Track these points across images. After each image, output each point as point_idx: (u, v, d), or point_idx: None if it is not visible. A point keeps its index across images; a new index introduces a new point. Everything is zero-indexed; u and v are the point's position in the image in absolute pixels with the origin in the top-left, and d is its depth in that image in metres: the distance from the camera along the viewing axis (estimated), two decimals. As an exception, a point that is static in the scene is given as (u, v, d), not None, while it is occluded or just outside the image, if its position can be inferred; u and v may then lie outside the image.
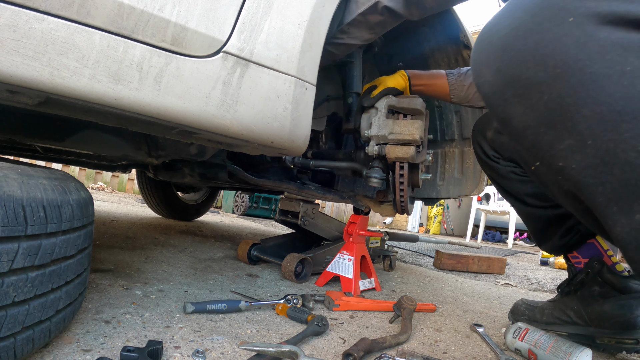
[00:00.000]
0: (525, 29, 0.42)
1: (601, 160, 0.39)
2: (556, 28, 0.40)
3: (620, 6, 0.39)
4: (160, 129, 0.86)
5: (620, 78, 0.38)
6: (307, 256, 1.48)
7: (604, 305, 1.00)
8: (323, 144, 1.67)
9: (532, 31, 0.42)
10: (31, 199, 0.53)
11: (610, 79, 0.38)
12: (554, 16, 0.41)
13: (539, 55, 0.41)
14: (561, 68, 0.40)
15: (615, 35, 0.39)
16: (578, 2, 0.40)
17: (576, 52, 0.39)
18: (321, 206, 6.40)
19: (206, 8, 0.73)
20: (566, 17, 0.40)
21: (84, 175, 5.13)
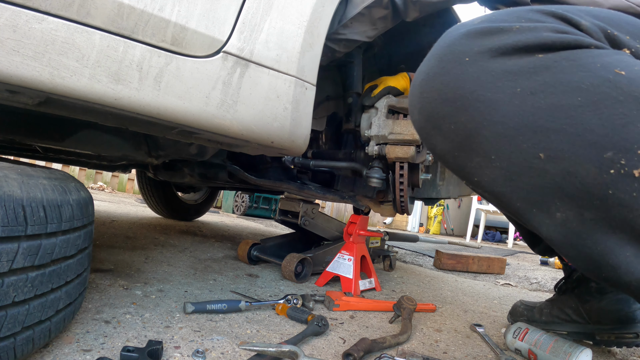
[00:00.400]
0: (434, 73, 0.50)
1: (507, 170, 0.45)
2: (456, 69, 0.48)
3: (509, 39, 0.46)
4: (160, 129, 0.86)
5: (512, 99, 0.44)
6: (307, 256, 1.48)
7: (602, 301, 1.01)
8: (323, 144, 1.67)
9: (439, 74, 0.49)
10: (31, 199, 0.53)
11: (503, 101, 0.45)
12: (455, 59, 0.48)
13: (443, 93, 0.49)
14: (460, 101, 0.47)
15: (506, 64, 0.45)
16: (473, 42, 0.48)
17: (472, 85, 0.46)
18: (321, 206, 6.40)
19: (206, 8, 0.73)
20: (464, 58, 0.47)
21: (84, 175, 5.13)
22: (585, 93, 0.42)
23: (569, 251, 0.45)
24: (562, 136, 0.42)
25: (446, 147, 0.50)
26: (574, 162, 0.41)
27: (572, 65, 0.43)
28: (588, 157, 0.41)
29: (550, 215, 0.44)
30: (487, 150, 0.46)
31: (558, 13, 0.48)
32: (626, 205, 0.40)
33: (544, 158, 0.43)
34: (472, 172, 0.48)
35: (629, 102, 0.40)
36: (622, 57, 0.43)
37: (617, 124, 0.40)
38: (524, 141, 0.44)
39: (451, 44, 0.50)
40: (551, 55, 0.44)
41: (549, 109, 0.43)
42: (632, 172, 0.39)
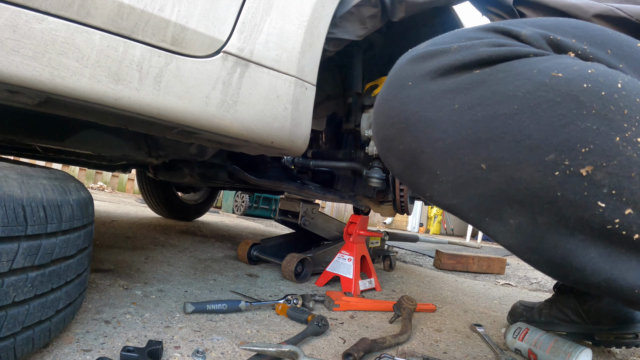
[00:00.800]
0: (382, 99, 0.53)
1: (453, 184, 0.46)
2: (401, 93, 0.50)
3: (447, 60, 0.48)
4: (160, 129, 0.87)
5: (450, 115, 0.46)
6: (307, 256, 1.48)
7: (601, 301, 1.01)
8: (323, 144, 1.67)
9: (386, 100, 0.52)
10: (31, 199, 0.53)
11: (442, 119, 0.46)
12: (399, 84, 0.51)
13: (390, 118, 0.51)
14: (404, 123, 0.49)
15: (445, 84, 0.47)
16: (416, 67, 0.50)
17: (414, 107, 0.49)
18: (321, 206, 6.40)
19: (206, 8, 0.73)
20: (407, 82, 0.50)
21: (84, 175, 5.13)
22: (522, 100, 0.42)
23: (530, 256, 0.45)
24: (501, 145, 0.43)
25: (399, 167, 0.52)
26: (515, 168, 0.42)
27: (508, 75, 0.44)
28: (529, 162, 0.41)
29: (503, 222, 0.45)
30: (432, 167, 0.48)
31: (499, 27, 0.49)
32: (579, 205, 0.40)
33: (486, 168, 0.44)
34: (423, 188, 0.50)
35: (567, 102, 0.41)
36: (562, 60, 0.44)
37: (557, 126, 0.41)
38: (464, 154, 0.45)
39: (397, 70, 0.53)
40: (487, 69, 0.46)
41: (486, 120, 0.44)
42: (579, 171, 0.39)
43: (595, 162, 0.39)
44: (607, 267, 0.41)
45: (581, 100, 0.40)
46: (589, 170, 0.39)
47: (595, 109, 0.40)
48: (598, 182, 0.39)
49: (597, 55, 0.47)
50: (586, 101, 0.40)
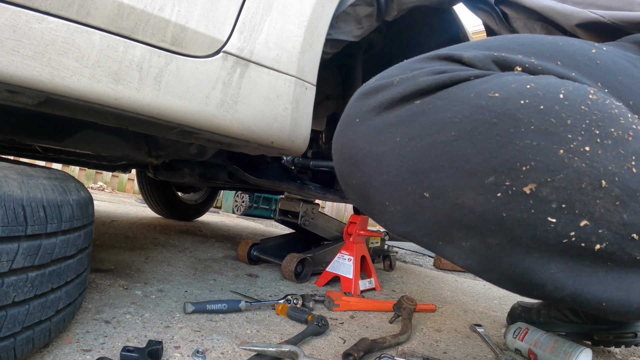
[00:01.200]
0: (336, 136, 0.54)
1: (403, 213, 0.47)
2: (350, 130, 0.51)
3: (390, 93, 0.49)
4: (160, 129, 0.86)
5: (393, 148, 0.47)
6: (307, 256, 1.48)
7: None
8: (323, 144, 1.67)
9: (339, 136, 0.53)
10: (31, 199, 0.53)
11: (386, 152, 0.47)
12: (349, 121, 0.52)
13: (342, 154, 0.53)
14: (354, 159, 0.50)
15: (388, 118, 0.48)
16: (363, 103, 0.51)
17: (360, 142, 0.50)
18: (321, 206, 6.40)
19: (206, 8, 0.73)
20: (355, 119, 0.51)
21: (84, 175, 5.13)
22: (459, 125, 0.42)
23: (489, 276, 0.45)
24: (441, 172, 0.43)
25: (356, 200, 0.53)
26: (457, 194, 0.42)
27: (446, 102, 0.44)
28: (470, 186, 0.41)
29: (456, 245, 0.45)
30: (380, 199, 0.48)
31: (442, 54, 0.50)
32: (528, 223, 0.40)
33: (429, 196, 0.44)
34: (377, 218, 0.51)
35: (504, 122, 0.40)
36: (502, 79, 0.43)
37: (494, 147, 0.40)
38: (408, 184, 0.45)
39: (348, 107, 0.54)
40: (427, 99, 0.46)
41: (425, 149, 0.44)
42: (522, 189, 0.39)
43: (539, 178, 0.39)
44: (569, 282, 0.41)
45: (518, 118, 0.40)
46: (532, 188, 0.39)
47: (535, 124, 0.39)
48: (544, 198, 0.39)
49: (546, 67, 0.46)
50: (523, 118, 0.40)
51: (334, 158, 0.55)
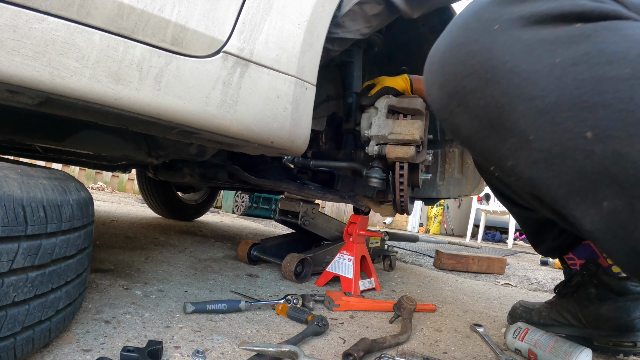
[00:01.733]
0: (457, 43, 0.45)
1: (549, 152, 0.40)
2: (484, 37, 0.43)
3: (542, 6, 0.41)
4: (160, 129, 0.86)
5: (551, 71, 0.39)
6: (307, 256, 1.48)
7: (601, 308, 0.99)
8: (323, 144, 1.67)
9: (463, 44, 0.45)
10: (31, 199, 0.53)
11: (541, 73, 0.40)
12: (481, 27, 0.44)
13: (470, 65, 0.44)
14: (491, 72, 0.42)
15: (540, 33, 0.41)
16: (502, 9, 0.43)
17: (503, 55, 0.41)
18: (321, 206, 6.40)
19: (206, 8, 0.73)
20: (492, 26, 0.43)
21: (84, 175, 5.13)
22: (633, 65, 0.37)
23: (613, 245, 0.39)
24: (611, 112, 0.37)
25: (474, 126, 0.45)
26: (625, 142, 0.36)
27: (615, 35, 0.39)
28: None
29: (595, 204, 0.38)
30: (524, 130, 0.41)
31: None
32: None
33: (591, 138, 0.37)
34: (505, 155, 0.43)
35: None
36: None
37: None
38: (568, 118, 0.38)
39: (477, 11, 0.45)
40: (590, 25, 0.40)
41: (594, 81, 0.38)
42: None
43: None
44: None
45: None
46: None
47: None
48: None
49: None
50: None
51: (450, 69, 0.46)
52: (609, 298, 0.99)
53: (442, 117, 0.50)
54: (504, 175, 0.46)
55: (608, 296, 1.00)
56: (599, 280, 1.02)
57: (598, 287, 1.01)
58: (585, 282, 1.04)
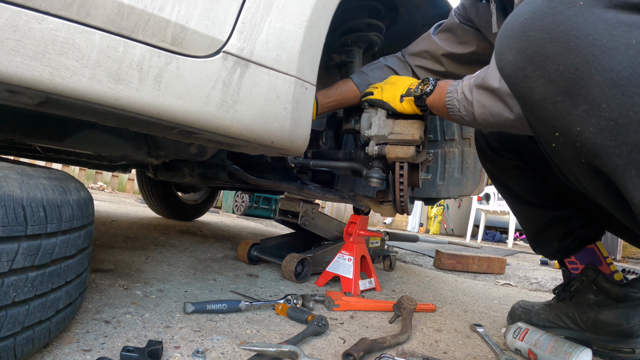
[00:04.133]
0: (541, 12, 0.49)
1: (615, 122, 0.43)
2: (568, 10, 0.47)
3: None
4: (160, 129, 0.86)
5: (626, 49, 0.43)
6: (307, 256, 1.48)
7: (600, 314, 0.99)
8: (323, 144, 1.67)
9: (548, 14, 0.48)
10: (31, 199, 0.53)
11: (618, 50, 0.44)
12: (567, 1, 0.47)
13: (554, 33, 0.47)
14: (574, 42, 0.46)
15: (620, 16, 0.45)
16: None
17: (586, 28, 0.45)
18: (321, 206, 6.40)
19: (206, 8, 0.73)
20: (577, 1, 0.46)
21: (84, 175, 5.13)
22: None
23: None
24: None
25: (548, 90, 0.48)
26: None
27: None
28: None
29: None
30: (597, 98, 0.44)
31: None
32: None
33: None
34: (575, 120, 0.46)
35: None
36: None
37: None
38: (636, 93, 0.42)
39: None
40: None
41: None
42: None
43: None
44: None
45: None
46: None
47: None
48: None
49: None
50: None
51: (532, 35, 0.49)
52: (609, 304, 0.99)
53: (513, 81, 0.53)
54: (567, 142, 0.49)
55: (607, 302, 0.99)
56: (598, 287, 1.01)
57: (597, 294, 1.01)
58: (584, 288, 1.04)
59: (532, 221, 1.16)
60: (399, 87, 1.10)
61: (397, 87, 1.10)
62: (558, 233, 1.11)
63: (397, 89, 1.09)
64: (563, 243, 1.11)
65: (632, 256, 5.60)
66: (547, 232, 1.13)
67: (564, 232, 1.10)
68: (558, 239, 1.11)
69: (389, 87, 1.12)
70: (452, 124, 1.76)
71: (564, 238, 1.10)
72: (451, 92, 0.95)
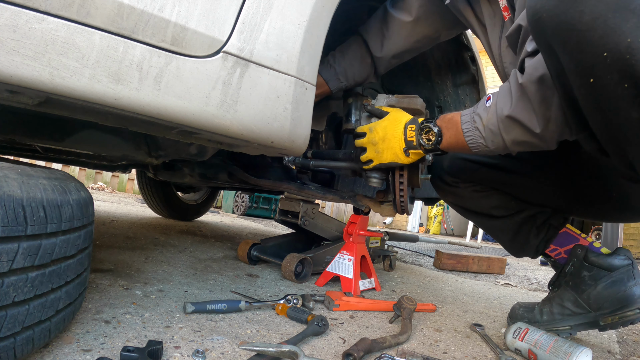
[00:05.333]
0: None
1: None
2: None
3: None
4: (160, 129, 0.86)
5: None
6: (307, 256, 1.48)
7: (597, 287, 1.03)
8: (323, 144, 1.67)
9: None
10: (31, 199, 0.53)
11: None
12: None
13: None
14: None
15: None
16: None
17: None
18: (321, 206, 6.40)
19: (206, 8, 0.73)
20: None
21: (84, 175, 5.13)
22: None
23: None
24: None
25: (599, 10, 0.52)
26: None
27: None
28: None
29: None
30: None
31: None
32: None
33: None
34: (625, 33, 0.50)
35: None
36: None
37: None
38: None
39: None
40: None
41: None
42: None
43: None
44: None
45: None
46: None
47: None
48: None
49: None
50: None
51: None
52: (603, 276, 1.03)
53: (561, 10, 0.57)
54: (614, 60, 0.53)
55: (601, 274, 1.03)
56: (588, 262, 1.06)
57: (589, 269, 1.05)
58: (577, 268, 1.08)
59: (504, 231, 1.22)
60: (395, 140, 1.00)
61: (393, 141, 1.00)
62: (531, 231, 1.16)
63: (395, 144, 1.00)
64: (539, 237, 1.15)
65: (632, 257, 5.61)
66: (520, 235, 1.18)
67: (535, 228, 1.15)
68: (533, 235, 1.16)
69: (384, 147, 1.02)
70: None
71: (538, 233, 1.15)
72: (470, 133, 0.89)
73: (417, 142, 0.97)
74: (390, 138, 1.01)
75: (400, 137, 0.99)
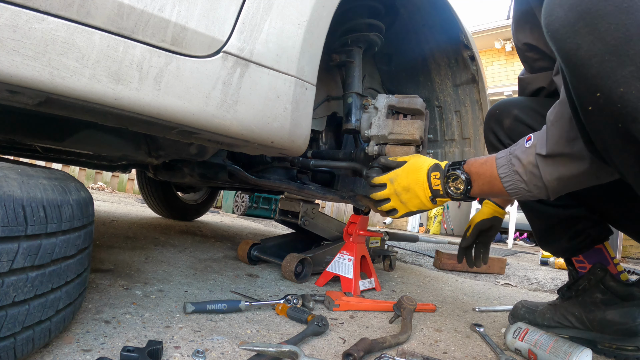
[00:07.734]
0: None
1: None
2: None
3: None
4: (160, 129, 0.87)
5: None
6: (307, 256, 1.48)
7: (606, 312, 1.00)
8: (323, 144, 1.67)
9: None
10: (31, 199, 0.53)
11: None
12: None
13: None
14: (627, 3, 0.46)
15: None
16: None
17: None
18: (321, 206, 6.40)
19: (206, 8, 0.73)
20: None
21: (84, 175, 5.13)
22: None
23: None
24: None
25: (595, 48, 0.48)
26: None
27: None
28: None
29: None
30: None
31: None
32: None
33: None
34: (619, 81, 0.47)
35: None
36: None
37: None
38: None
39: None
40: None
41: None
42: None
43: None
44: None
45: None
46: None
47: None
48: None
49: None
50: None
51: None
52: (615, 303, 1.00)
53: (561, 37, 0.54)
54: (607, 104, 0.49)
55: (614, 301, 1.00)
56: (605, 285, 1.02)
57: (604, 292, 1.02)
58: (592, 287, 1.05)
59: (541, 218, 1.16)
60: (419, 189, 0.95)
61: (418, 190, 0.95)
62: (567, 232, 1.11)
63: (420, 193, 0.95)
64: (572, 242, 1.11)
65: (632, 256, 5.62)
66: (556, 231, 1.13)
67: (573, 232, 1.10)
68: (567, 238, 1.11)
69: (408, 197, 0.97)
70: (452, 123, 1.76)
71: (574, 237, 1.10)
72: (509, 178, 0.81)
73: (444, 190, 0.91)
74: (414, 187, 0.95)
75: (424, 185, 0.94)
